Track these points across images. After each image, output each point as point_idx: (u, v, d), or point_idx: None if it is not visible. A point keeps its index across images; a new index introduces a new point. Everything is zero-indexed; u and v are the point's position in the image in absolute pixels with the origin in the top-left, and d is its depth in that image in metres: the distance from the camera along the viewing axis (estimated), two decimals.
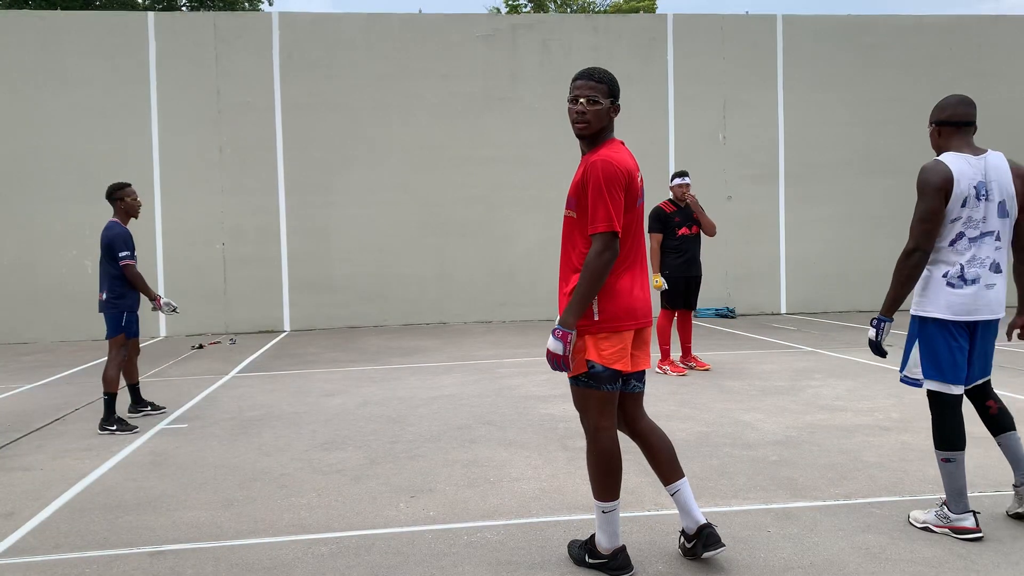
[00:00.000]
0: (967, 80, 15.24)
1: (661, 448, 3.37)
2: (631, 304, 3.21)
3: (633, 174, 3.19)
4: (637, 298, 3.24)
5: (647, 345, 3.39)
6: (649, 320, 3.33)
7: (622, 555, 3.28)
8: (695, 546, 3.30)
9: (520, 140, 14.36)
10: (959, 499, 3.58)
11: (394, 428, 6.07)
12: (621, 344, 3.21)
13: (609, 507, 3.26)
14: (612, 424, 3.27)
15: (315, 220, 14.01)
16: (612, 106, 3.21)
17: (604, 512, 3.27)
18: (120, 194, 6.56)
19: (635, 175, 3.22)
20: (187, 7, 25.90)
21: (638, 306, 3.25)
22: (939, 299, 3.63)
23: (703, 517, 3.34)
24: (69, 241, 13.31)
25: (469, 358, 9.80)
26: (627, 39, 14.68)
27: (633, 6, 29.85)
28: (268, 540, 3.79)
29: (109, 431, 6.14)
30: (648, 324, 3.34)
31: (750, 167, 14.87)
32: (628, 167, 3.15)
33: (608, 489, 3.26)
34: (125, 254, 6.35)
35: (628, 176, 3.13)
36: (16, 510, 4.35)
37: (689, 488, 3.35)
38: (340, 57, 14.07)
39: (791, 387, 7.38)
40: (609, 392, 3.24)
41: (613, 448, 3.24)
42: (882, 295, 4.05)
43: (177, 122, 13.66)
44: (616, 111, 3.23)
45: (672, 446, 3.40)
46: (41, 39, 13.38)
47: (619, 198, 3.09)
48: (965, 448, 3.60)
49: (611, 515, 3.27)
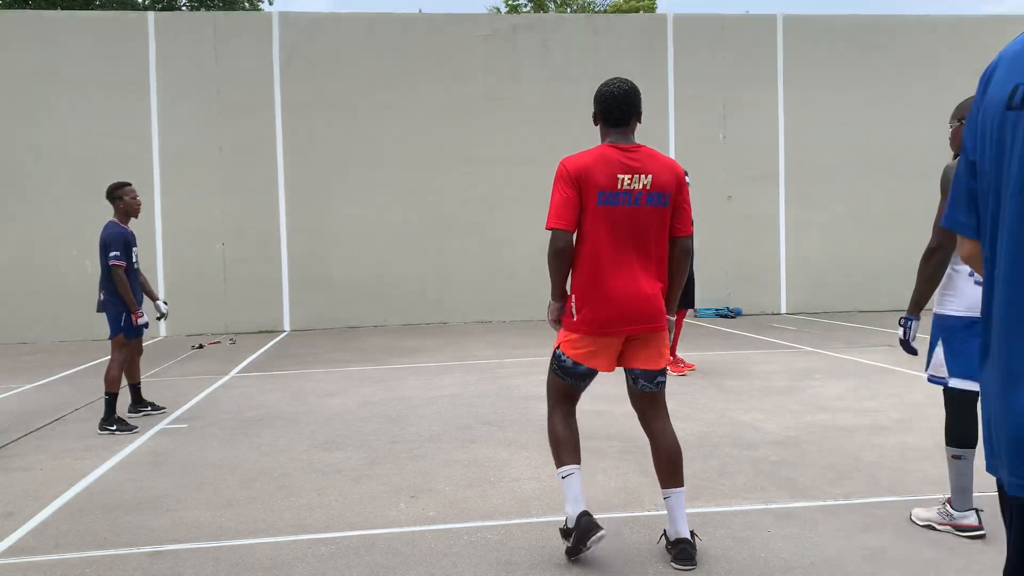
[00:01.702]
0: (967, 80, 15.12)
1: (664, 455, 3.40)
2: (616, 312, 3.25)
3: (589, 171, 3.23)
4: (630, 304, 3.26)
5: (656, 346, 3.37)
6: (654, 325, 3.32)
7: (585, 518, 3.31)
8: (671, 553, 3.37)
9: (520, 140, 14.35)
10: (963, 497, 3.58)
11: (394, 428, 6.07)
12: (594, 347, 3.33)
13: (563, 471, 3.40)
14: (563, 414, 3.46)
15: (315, 220, 14.00)
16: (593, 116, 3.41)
17: (561, 478, 3.42)
18: (119, 193, 6.49)
19: (591, 173, 3.23)
20: (187, 7, 25.90)
21: (631, 312, 3.26)
22: (962, 297, 3.61)
23: (685, 531, 3.36)
24: (69, 241, 13.30)
25: (469, 358, 9.80)
26: (627, 39, 14.67)
27: (633, 6, 29.84)
28: (268, 540, 3.79)
29: (109, 431, 6.13)
30: (652, 329, 3.32)
31: (750, 167, 14.87)
32: (580, 164, 3.25)
33: (558, 456, 3.43)
34: (115, 254, 6.21)
35: (578, 174, 3.24)
36: (16, 510, 4.35)
37: (681, 500, 3.38)
38: (340, 57, 14.06)
39: (791, 387, 7.37)
40: (569, 385, 3.44)
41: (558, 430, 3.45)
42: (882, 295, 4.05)
43: (177, 122, 13.65)
44: (595, 120, 3.39)
45: (678, 456, 3.41)
46: (41, 39, 13.37)
47: (565, 194, 3.25)
48: (976, 446, 3.60)
49: (567, 480, 3.38)
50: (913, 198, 15.18)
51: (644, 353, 3.36)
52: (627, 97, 3.33)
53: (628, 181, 3.23)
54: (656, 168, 3.28)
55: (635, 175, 3.24)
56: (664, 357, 3.41)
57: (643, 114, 3.39)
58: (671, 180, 3.30)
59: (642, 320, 3.28)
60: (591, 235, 3.27)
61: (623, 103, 3.32)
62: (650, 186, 3.25)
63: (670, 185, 3.29)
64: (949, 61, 15.18)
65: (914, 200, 15.20)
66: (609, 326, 3.27)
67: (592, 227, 3.26)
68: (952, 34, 15.24)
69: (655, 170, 3.27)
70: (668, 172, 3.31)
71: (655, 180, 3.26)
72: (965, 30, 15.31)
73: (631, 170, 3.25)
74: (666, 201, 3.29)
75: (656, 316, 3.31)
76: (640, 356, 3.37)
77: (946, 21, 15.41)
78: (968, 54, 15.25)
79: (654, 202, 3.27)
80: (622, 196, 3.23)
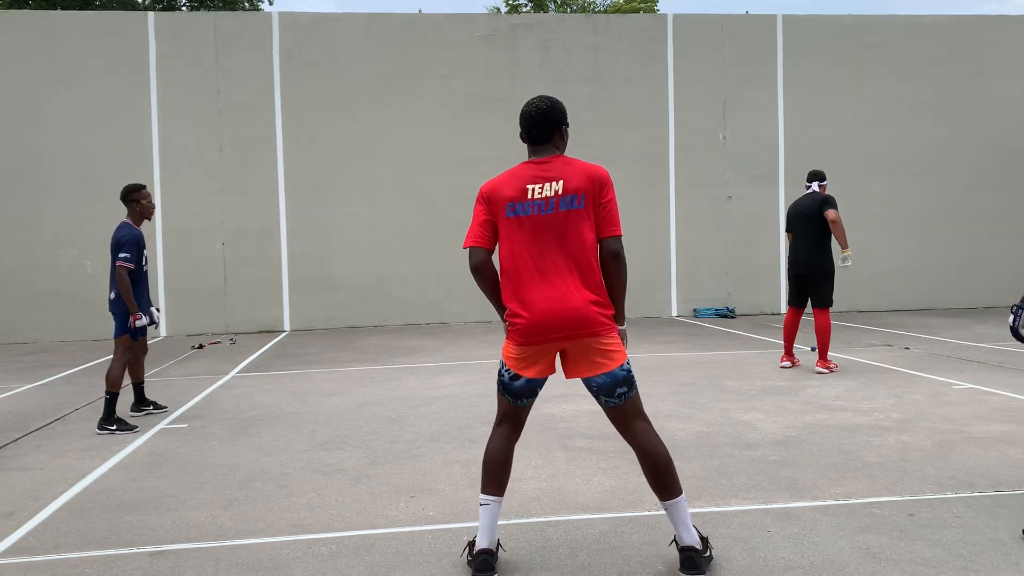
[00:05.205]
0: (967, 80, 15.25)
1: (648, 467, 3.27)
2: (539, 320, 3.19)
3: (498, 188, 3.30)
4: (552, 311, 3.18)
5: (594, 354, 3.22)
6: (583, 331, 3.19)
7: (482, 558, 3.23)
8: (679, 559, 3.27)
9: (520, 140, 14.34)
10: None
11: (394, 428, 6.07)
12: (524, 356, 3.27)
13: (481, 499, 3.32)
14: (500, 436, 3.37)
15: (315, 220, 14.01)
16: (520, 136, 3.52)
17: (479, 503, 3.33)
18: (136, 196, 6.58)
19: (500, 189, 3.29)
20: (187, 7, 25.90)
21: (555, 319, 3.18)
22: None
23: (690, 538, 3.24)
24: (69, 241, 13.31)
25: (469, 358, 9.80)
26: (627, 39, 14.67)
27: (633, 6, 29.84)
28: (268, 540, 3.79)
29: (108, 431, 6.14)
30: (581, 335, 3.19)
31: (750, 167, 14.87)
32: (491, 185, 3.35)
33: (483, 482, 3.34)
34: (125, 255, 6.28)
35: (488, 193, 3.33)
36: (16, 510, 4.35)
37: (679, 508, 3.25)
38: (340, 57, 14.07)
39: (791, 387, 7.37)
40: (508, 403, 3.37)
41: (488, 452, 3.35)
42: (882, 294, 4.04)
43: (177, 122, 13.66)
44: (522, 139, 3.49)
45: (664, 466, 3.24)
46: (41, 39, 13.38)
47: (476, 214, 3.34)
48: None
49: (481, 509, 3.30)
50: (913, 198, 15.22)
51: (584, 362, 3.24)
52: (544, 116, 3.34)
53: (539, 190, 3.23)
54: (568, 173, 3.24)
55: (546, 183, 3.24)
56: (605, 365, 3.22)
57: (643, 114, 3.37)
58: (584, 182, 3.22)
59: (567, 327, 3.18)
60: (506, 247, 3.28)
61: (540, 122, 3.35)
62: (561, 191, 3.22)
63: (583, 187, 3.22)
64: (949, 61, 15.19)
65: (914, 200, 15.24)
66: (534, 335, 3.21)
67: (507, 239, 3.27)
68: (952, 34, 15.24)
69: (566, 175, 3.24)
70: (581, 175, 3.24)
71: (566, 184, 3.22)
72: (965, 30, 15.31)
73: (541, 179, 3.25)
74: (580, 203, 3.21)
75: (583, 323, 3.18)
76: (580, 365, 3.26)
77: (945, 21, 15.40)
78: (968, 54, 15.28)
79: (567, 205, 3.21)
80: (533, 205, 3.23)
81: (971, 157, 15.14)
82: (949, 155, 15.11)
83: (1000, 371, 7.82)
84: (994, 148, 15.17)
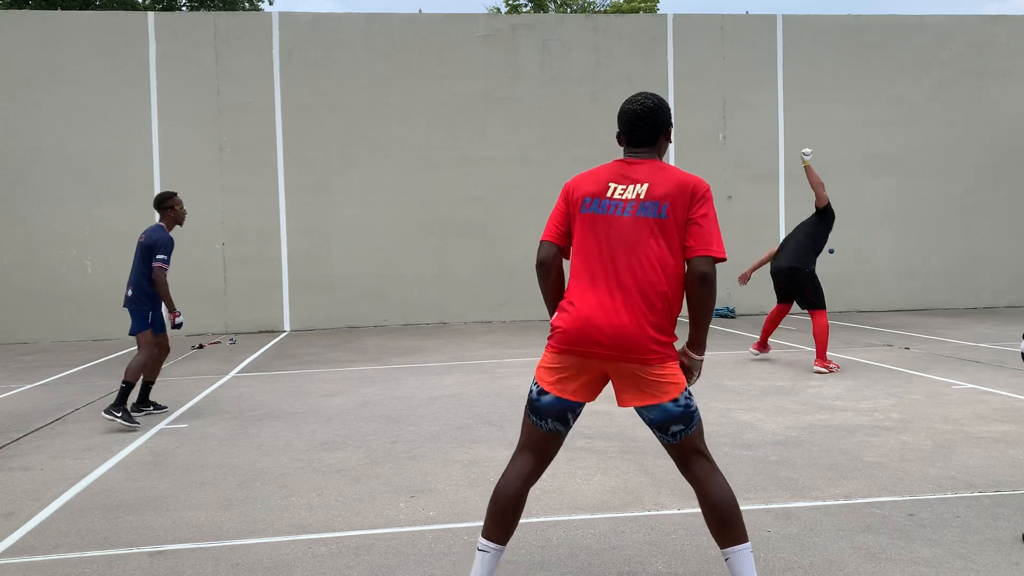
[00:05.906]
0: (967, 80, 15.25)
1: (710, 510, 2.84)
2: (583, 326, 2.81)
3: (580, 182, 3.00)
4: (599, 321, 2.80)
5: (645, 384, 2.80)
6: (628, 355, 2.78)
7: None
8: None
9: (520, 140, 14.36)
10: None
11: (394, 428, 6.07)
12: (561, 367, 2.88)
13: (480, 543, 2.91)
14: (517, 468, 2.94)
15: (315, 220, 14.01)
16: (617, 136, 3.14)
17: (477, 548, 2.92)
18: (171, 203, 6.83)
19: (583, 183, 2.99)
20: (187, 7, 25.90)
21: (599, 331, 2.79)
22: None
23: None
24: (69, 241, 13.30)
25: (469, 358, 9.80)
26: (627, 39, 14.67)
27: (633, 6, 29.84)
28: (268, 540, 3.79)
29: (114, 417, 6.17)
30: (625, 359, 2.79)
31: (750, 167, 14.87)
32: (576, 178, 3.03)
33: (485, 524, 2.93)
34: (162, 257, 6.62)
35: (571, 186, 3.03)
36: (16, 510, 4.35)
37: (744, 560, 2.78)
38: (340, 57, 14.07)
39: (791, 387, 7.38)
40: (533, 427, 2.93)
41: (503, 486, 2.93)
42: (882, 294, 4.04)
43: (177, 122, 13.65)
44: (619, 141, 3.11)
45: (727, 509, 2.81)
46: (41, 39, 13.38)
47: (556, 208, 3.04)
48: None
49: (480, 556, 2.88)
50: (913, 198, 15.22)
51: (630, 389, 2.83)
52: (650, 116, 2.97)
53: (621, 190, 2.90)
54: (658, 179, 2.87)
55: (630, 184, 2.90)
56: (655, 396, 2.80)
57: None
58: (672, 192, 2.83)
59: (609, 345, 2.78)
60: (577, 245, 2.95)
61: (646, 122, 2.98)
62: (644, 195, 2.85)
63: (669, 197, 2.82)
64: (949, 61, 15.19)
65: (914, 200, 15.24)
66: (572, 341, 2.83)
67: (580, 237, 2.94)
68: (951, 34, 15.24)
69: (655, 180, 2.87)
70: (670, 183, 2.85)
71: (651, 190, 2.85)
72: (965, 30, 15.31)
73: (627, 179, 2.91)
74: (662, 212, 2.81)
75: (629, 346, 2.76)
76: (627, 392, 2.85)
77: (945, 21, 15.40)
78: (967, 54, 15.28)
79: (646, 212, 2.83)
80: (610, 204, 2.88)
81: (971, 157, 15.13)
82: (949, 155, 15.10)
83: (1000, 371, 7.82)
84: (994, 148, 15.17)
